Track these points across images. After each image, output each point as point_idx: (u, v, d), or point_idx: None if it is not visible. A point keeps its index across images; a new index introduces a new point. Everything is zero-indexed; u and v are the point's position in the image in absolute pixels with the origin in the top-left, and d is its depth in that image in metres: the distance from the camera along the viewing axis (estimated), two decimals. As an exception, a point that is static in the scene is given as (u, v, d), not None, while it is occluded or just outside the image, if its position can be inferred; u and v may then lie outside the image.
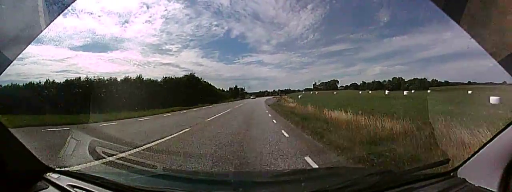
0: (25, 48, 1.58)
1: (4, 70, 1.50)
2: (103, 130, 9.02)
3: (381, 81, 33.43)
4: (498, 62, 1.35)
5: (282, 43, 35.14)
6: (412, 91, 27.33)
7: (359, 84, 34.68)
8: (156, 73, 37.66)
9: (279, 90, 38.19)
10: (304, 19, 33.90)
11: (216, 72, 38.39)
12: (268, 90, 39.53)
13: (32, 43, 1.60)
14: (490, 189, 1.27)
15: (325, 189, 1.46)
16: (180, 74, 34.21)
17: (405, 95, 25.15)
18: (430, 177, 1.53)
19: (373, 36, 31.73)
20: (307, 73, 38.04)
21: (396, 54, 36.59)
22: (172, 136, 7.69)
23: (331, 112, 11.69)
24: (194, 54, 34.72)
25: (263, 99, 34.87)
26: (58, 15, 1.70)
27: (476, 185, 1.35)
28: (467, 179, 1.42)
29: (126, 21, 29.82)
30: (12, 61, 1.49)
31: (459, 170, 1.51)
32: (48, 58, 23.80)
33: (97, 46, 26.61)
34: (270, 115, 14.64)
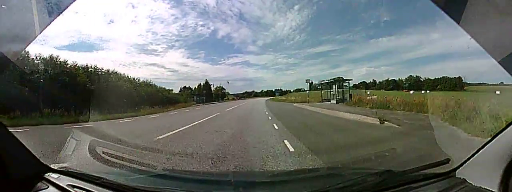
0: (25, 48, 1.59)
1: (4, 70, 1.51)
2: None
3: (396, 79, 30.03)
4: (498, 62, 1.35)
5: (269, 44, 34.81)
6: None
7: (368, 82, 31.41)
8: (141, 74, 37.20)
9: (277, 90, 36.42)
10: (291, 20, 33.43)
11: (202, 73, 37.75)
12: (256, 91, 37.57)
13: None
14: (490, 189, 1.27)
15: (325, 189, 1.46)
16: (165, 75, 31.49)
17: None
18: (430, 177, 1.53)
19: (360, 37, 31.57)
20: (293, 74, 37.58)
21: (382, 55, 36.33)
22: None
23: None
24: (179, 55, 33.88)
25: (258, 104, 23.49)
26: (58, 15, 1.70)
27: (476, 185, 1.35)
28: (467, 179, 1.42)
29: (112, 21, 29.42)
30: (12, 61, 1.49)
31: (459, 170, 1.51)
32: (32, 57, 23.26)
33: (82, 45, 26.36)
34: None
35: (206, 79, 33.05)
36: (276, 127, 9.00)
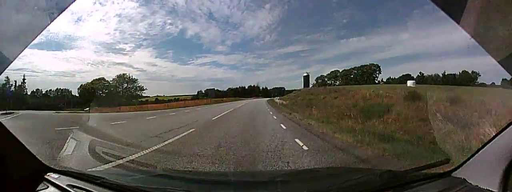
0: (25, 48, 1.59)
1: (3, 70, 1.51)
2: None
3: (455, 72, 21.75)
4: (498, 62, 1.35)
5: (238, 43, 34.08)
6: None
7: (414, 76, 24.06)
8: (110, 73, 36.19)
9: (276, 88, 34.57)
10: (261, 20, 32.56)
11: (170, 73, 36.73)
12: (222, 90, 34.79)
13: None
14: (490, 189, 1.27)
15: (325, 189, 1.46)
16: (134, 75, 29.14)
17: None
18: (430, 177, 1.53)
19: (330, 37, 31.30)
20: (262, 75, 37.05)
21: (352, 55, 35.88)
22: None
23: None
24: (147, 54, 33.11)
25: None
26: (58, 15, 1.70)
27: (476, 185, 1.35)
28: (467, 179, 1.41)
29: (80, 19, 28.75)
30: (12, 61, 1.49)
31: (459, 170, 1.51)
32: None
33: (51, 44, 25.41)
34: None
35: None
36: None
